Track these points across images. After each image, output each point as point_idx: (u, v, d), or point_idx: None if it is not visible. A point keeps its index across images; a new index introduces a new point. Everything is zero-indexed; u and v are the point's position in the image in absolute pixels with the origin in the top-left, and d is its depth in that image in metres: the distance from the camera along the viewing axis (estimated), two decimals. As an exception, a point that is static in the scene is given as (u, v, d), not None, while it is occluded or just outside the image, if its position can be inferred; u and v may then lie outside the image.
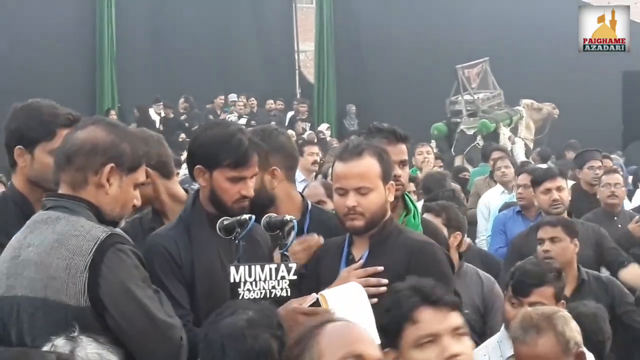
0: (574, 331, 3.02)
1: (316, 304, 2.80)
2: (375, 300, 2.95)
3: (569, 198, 5.63)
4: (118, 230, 2.63)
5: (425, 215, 4.38)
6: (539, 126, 16.12)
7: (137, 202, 2.73)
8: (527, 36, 17.93)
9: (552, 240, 4.55)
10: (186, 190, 3.67)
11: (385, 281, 2.99)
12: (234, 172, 2.98)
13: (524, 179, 6.38)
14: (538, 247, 4.58)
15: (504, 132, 15.05)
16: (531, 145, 15.39)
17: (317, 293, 2.84)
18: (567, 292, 4.09)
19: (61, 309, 2.45)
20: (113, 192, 2.62)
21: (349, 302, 2.76)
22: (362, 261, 3.09)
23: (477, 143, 14.62)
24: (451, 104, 15.68)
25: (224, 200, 3.00)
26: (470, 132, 14.89)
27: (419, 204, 4.79)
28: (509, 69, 16.72)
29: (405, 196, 3.59)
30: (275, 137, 3.41)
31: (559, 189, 5.46)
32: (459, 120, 15.27)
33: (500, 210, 7.07)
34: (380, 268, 3.02)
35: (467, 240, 5.30)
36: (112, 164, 2.60)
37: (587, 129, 15.43)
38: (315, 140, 13.48)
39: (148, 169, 2.79)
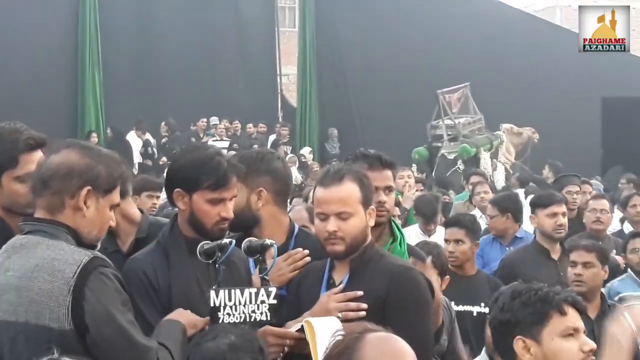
0: None
1: (300, 331, 2.81)
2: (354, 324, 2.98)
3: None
4: (99, 253, 2.63)
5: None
6: (519, 150, 16.26)
7: (113, 223, 2.74)
8: (507, 61, 18.09)
9: (585, 265, 4.64)
10: (141, 211, 3.68)
11: (365, 306, 3.01)
12: (214, 193, 2.99)
13: (491, 210, 6.57)
14: (570, 270, 4.67)
15: (485, 157, 15.16)
16: (511, 170, 15.50)
17: (302, 319, 2.85)
18: (592, 316, 4.36)
19: (44, 333, 2.45)
20: (90, 215, 2.63)
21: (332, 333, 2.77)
22: (342, 285, 3.10)
23: (458, 167, 14.71)
24: (432, 129, 15.77)
25: (204, 223, 3.01)
26: (451, 156, 14.98)
27: (407, 230, 4.80)
28: (489, 94, 16.85)
29: (392, 223, 3.61)
30: (269, 161, 3.42)
31: (564, 214, 5.62)
32: (440, 144, 15.37)
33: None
34: (360, 293, 3.04)
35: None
36: (89, 187, 2.61)
37: (566, 153, 15.54)
38: (297, 164, 13.50)
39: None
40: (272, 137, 18.08)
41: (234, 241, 2.94)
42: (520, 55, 18.04)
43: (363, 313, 3.00)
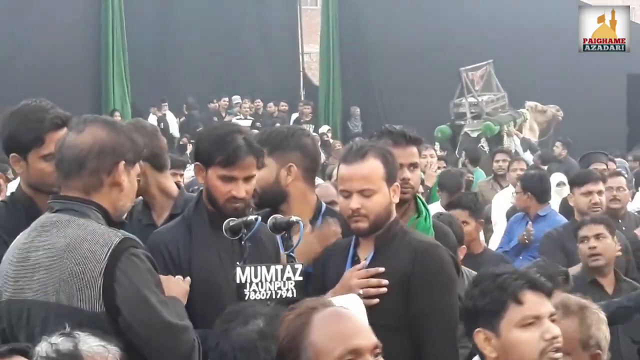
0: (601, 332, 2.99)
1: None
2: (376, 300, 2.99)
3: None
4: (130, 234, 2.62)
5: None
6: (543, 128, 16.12)
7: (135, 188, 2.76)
8: (531, 38, 17.91)
9: (597, 237, 4.62)
10: (178, 186, 3.67)
11: (386, 282, 3.03)
12: (225, 170, 2.99)
13: (517, 186, 6.62)
14: (581, 246, 4.65)
15: (508, 135, 15.06)
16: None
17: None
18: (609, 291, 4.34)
19: (75, 314, 2.44)
20: (126, 188, 2.63)
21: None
22: (365, 262, 3.11)
23: (481, 145, 14.62)
24: (455, 107, 15.67)
25: (216, 199, 3.02)
26: (474, 134, 14.88)
27: (433, 206, 4.81)
28: (512, 72, 16.71)
29: (417, 199, 3.60)
30: (299, 137, 3.42)
31: (599, 192, 5.61)
32: (462, 122, 15.26)
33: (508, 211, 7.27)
34: (382, 269, 3.04)
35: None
36: (123, 161, 2.61)
37: (591, 131, 15.42)
38: (319, 143, 13.49)
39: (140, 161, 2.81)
40: (294, 116, 18.06)
41: (260, 218, 2.94)
42: (544, 31, 17.85)
43: (384, 289, 3.01)
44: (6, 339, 2.58)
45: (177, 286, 2.81)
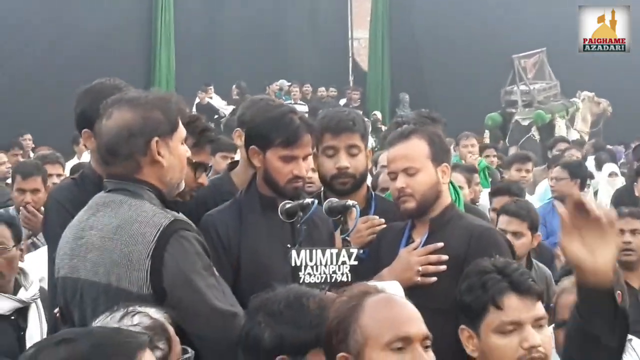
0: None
1: None
2: (433, 279, 2.97)
3: None
4: (181, 215, 2.59)
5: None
6: (593, 120, 15.88)
7: (188, 152, 2.70)
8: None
9: (633, 232, 4.52)
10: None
11: (445, 257, 3.01)
12: (286, 150, 3.00)
13: (559, 172, 6.51)
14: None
15: (560, 124, 14.86)
16: (586, 138, 15.16)
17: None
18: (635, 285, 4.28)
19: (125, 296, 2.41)
20: (168, 162, 2.58)
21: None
22: (420, 241, 3.10)
23: (532, 134, 14.47)
24: (506, 94, 15.51)
25: (277, 180, 3.02)
26: (525, 122, 14.73)
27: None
28: (565, 60, 16.44)
29: (450, 184, 3.58)
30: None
31: None
32: (514, 110, 15.12)
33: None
34: (440, 244, 3.03)
35: None
36: (156, 138, 2.55)
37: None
38: (370, 129, 13.43)
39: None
40: (343, 102, 18.02)
41: (316, 201, 2.93)
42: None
43: (443, 267, 2.99)
44: (64, 314, 2.62)
45: None
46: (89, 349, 1.48)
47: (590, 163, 9.46)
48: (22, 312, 3.77)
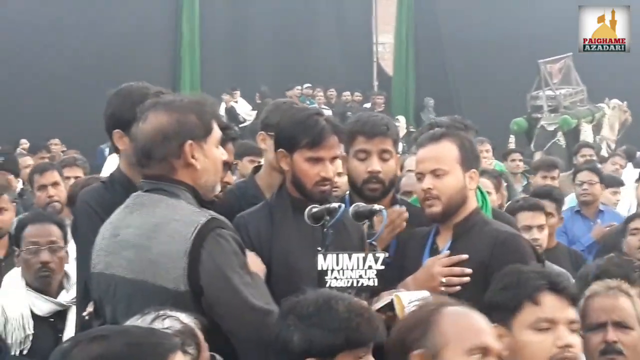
0: None
1: (390, 304, 2.79)
2: (457, 288, 2.96)
3: None
4: (218, 215, 2.62)
5: None
6: (619, 129, 15.76)
7: (224, 156, 2.74)
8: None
9: None
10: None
11: (469, 271, 3.00)
12: (311, 152, 3.00)
13: (588, 175, 6.58)
14: (630, 238, 4.53)
15: (586, 129, 14.74)
16: (612, 146, 15.03)
17: (393, 293, 2.84)
18: None
19: (161, 293, 2.46)
20: (202, 165, 2.62)
21: None
22: (447, 251, 3.08)
23: (558, 139, 14.36)
24: (532, 99, 15.39)
25: (304, 183, 3.03)
26: (551, 128, 14.60)
27: None
28: (592, 66, 16.32)
29: (478, 189, 3.57)
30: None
31: None
32: (539, 115, 14.99)
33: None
34: (465, 256, 3.02)
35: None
36: (190, 141, 2.59)
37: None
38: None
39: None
40: (367, 106, 17.99)
41: (343, 206, 2.93)
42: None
43: (467, 278, 2.98)
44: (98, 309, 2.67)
45: (255, 266, 2.81)
46: (123, 348, 1.50)
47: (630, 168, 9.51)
48: (61, 314, 3.84)
